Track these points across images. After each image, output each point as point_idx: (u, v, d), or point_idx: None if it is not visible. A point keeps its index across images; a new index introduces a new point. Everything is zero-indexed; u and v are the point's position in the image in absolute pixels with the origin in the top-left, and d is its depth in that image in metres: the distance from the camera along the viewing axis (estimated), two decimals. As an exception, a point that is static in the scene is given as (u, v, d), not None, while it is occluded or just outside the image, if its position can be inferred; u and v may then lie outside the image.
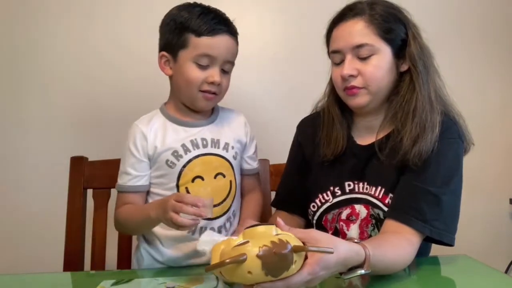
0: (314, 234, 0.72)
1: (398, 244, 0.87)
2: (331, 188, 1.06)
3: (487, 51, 1.72)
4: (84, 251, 1.24)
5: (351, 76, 0.97)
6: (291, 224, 1.05)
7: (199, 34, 0.99)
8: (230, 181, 1.08)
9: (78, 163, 1.26)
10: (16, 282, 0.96)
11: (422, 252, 0.95)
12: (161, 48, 1.06)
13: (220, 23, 1.01)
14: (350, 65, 0.97)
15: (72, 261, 1.20)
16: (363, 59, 0.96)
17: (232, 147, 1.09)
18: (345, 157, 1.06)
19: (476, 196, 1.72)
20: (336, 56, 1.00)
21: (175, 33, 1.02)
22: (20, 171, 1.60)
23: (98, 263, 1.23)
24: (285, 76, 1.66)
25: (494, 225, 1.76)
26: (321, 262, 0.68)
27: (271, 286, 0.65)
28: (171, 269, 1.03)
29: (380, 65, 0.96)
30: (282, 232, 0.70)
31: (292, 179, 1.17)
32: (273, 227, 0.70)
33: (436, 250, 1.01)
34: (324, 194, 1.06)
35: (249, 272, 0.62)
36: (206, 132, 1.08)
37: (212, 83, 1.01)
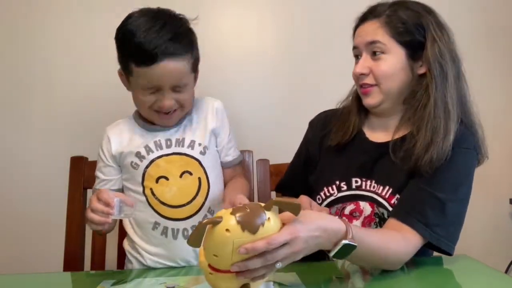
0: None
1: (391, 235, 0.87)
2: (337, 182, 1.06)
3: (488, 52, 1.72)
4: (84, 251, 1.24)
5: (363, 74, 1.00)
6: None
7: (137, 63, 0.96)
8: (199, 178, 1.05)
9: (78, 163, 1.26)
10: (16, 282, 0.96)
11: (423, 255, 0.95)
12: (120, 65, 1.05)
13: (159, 46, 0.94)
14: (363, 63, 1.00)
15: (72, 261, 1.20)
16: (375, 57, 0.98)
17: (199, 144, 1.07)
18: (354, 152, 1.06)
19: (476, 196, 1.71)
20: (355, 51, 1.04)
21: (121, 57, 1.01)
22: (20, 171, 1.60)
23: (98, 263, 1.23)
24: (285, 76, 1.65)
25: (494, 225, 1.75)
26: (298, 222, 0.71)
27: (252, 246, 0.66)
28: (171, 269, 1.03)
29: (390, 64, 0.97)
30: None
31: (297, 169, 1.19)
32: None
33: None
34: (330, 188, 1.06)
35: (227, 230, 0.66)
36: (172, 132, 1.07)
37: (162, 107, 1.00)
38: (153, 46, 0.93)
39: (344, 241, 0.74)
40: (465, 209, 0.97)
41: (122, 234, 1.18)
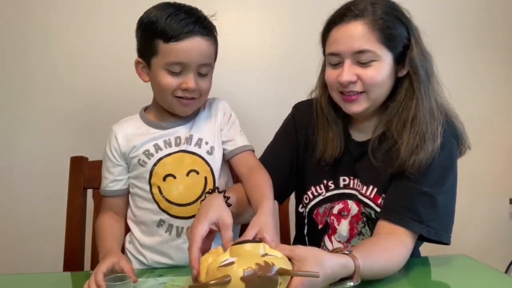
0: (299, 251, 0.71)
1: (391, 248, 0.86)
2: (325, 181, 1.05)
3: (487, 51, 1.72)
4: (84, 251, 1.24)
5: (351, 82, 0.93)
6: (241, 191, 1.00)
7: (166, 39, 0.94)
8: (205, 178, 1.05)
9: (78, 163, 1.26)
10: (16, 282, 0.96)
11: (413, 252, 0.94)
12: (138, 54, 1.04)
13: (189, 24, 0.95)
14: (350, 71, 0.92)
15: (72, 261, 1.20)
16: (363, 64, 0.92)
17: (206, 143, 1.06)
18: (342, 152, 1.04)
19: (476, 196, 1.72)
20: (333, 58, 0.95)
21: (145, 39, 0.99)
22: (20, 171, 1.60)
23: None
24: (286, 76, 1.65)
25: (494, 225, 1.76)
26: (306, 282, 0.67)
27: None
28: (171, 269, 1.03)
29: (380, 71, 0.92)
30: (270, 251, 0.70)
31: (275, 154, 1.13)
32: (261, 245, 0.70)
33: (435, 250, 1.01)
34: (317, 187, 1.05)
35: None
36: (182, 130, 1.06)
37: (186, 89, 0.98)
38: (185, 22, 0.95)
39: (350, 284, 0.74)
40: (454, 198, 0.96)
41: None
